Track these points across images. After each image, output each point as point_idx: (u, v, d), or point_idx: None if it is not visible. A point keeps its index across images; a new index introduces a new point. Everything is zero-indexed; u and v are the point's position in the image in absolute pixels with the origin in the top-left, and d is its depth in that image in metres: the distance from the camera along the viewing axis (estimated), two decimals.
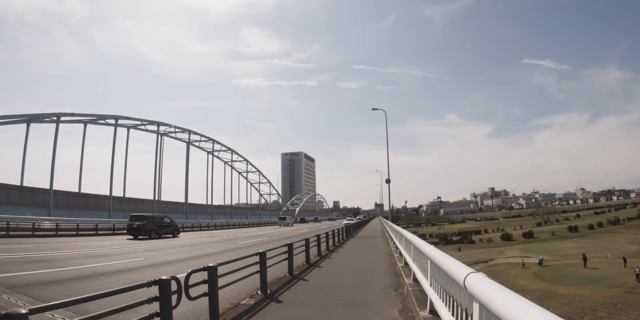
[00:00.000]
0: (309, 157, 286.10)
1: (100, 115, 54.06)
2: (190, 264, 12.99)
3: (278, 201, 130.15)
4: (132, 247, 21.08)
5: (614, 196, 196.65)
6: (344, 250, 18.81)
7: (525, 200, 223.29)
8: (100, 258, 14.95)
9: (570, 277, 47.50)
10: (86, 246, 20.10)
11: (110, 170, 54.16)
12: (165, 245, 22.31)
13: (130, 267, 12.72)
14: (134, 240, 26.71)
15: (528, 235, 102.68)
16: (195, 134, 73.55)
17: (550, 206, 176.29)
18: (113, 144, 55.40)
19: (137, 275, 10.79)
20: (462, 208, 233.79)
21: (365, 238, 28.59)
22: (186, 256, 16.49)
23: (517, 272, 55.15)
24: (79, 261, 13.68)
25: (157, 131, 64.32)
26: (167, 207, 64.49)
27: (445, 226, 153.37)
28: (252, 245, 21.76)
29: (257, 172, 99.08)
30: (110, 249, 19.46)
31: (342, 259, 15.01)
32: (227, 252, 18.05)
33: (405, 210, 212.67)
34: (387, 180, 38.37)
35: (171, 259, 15.27)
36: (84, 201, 48.93)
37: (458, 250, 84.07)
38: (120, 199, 55.34)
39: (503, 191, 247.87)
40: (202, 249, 20.44)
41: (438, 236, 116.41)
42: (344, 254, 17.08)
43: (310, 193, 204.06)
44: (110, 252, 17.54)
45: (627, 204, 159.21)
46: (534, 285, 45.08)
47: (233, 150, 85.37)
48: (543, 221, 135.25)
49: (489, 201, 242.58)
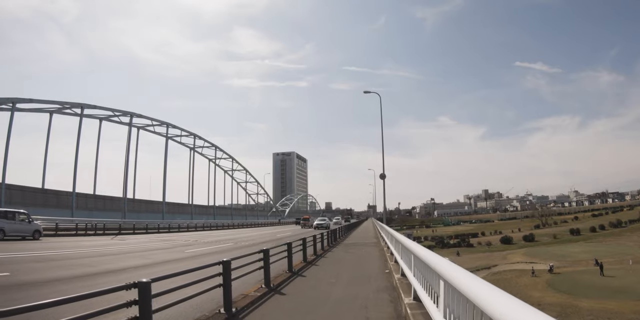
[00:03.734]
0: (300, 157, 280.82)
1: (63, 103, 48.12)
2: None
3: (269, 202, 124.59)
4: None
5: (609, 199, 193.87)
6: (318, 271, 12.51)
7: (519, 202, 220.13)
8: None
9: (590, 288, 42.27)
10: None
11: (74, 165, 48.32)
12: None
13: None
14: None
15: (529, 238, 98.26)
16: (175, 127, 67.67)
17: (545, 208, 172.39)
18: (78, 135, 49.54)
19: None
20: (456, 210, 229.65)
21: (354, 248, 21.08)
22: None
23: (527, 281, 49.75)
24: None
25: (130, 123, 58.24)
26: (141, 205, 59.09)
27: (440, 228, 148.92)
28: (202, 255, 16.38)
29: (244, 171, 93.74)
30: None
31: (313, 295, 9.23)
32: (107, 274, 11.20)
33: (399, 212, 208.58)
34: (381, 175, 32.24)
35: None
36: (43, 197, 43.64)
37: (457, 255, 78.99)
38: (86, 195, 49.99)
39: (497, 193, 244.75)
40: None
41: (434, 239, 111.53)
42: (319, 278, 10.92)
43: (301, 194, 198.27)
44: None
45: (623, 207, 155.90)
46: (550, 298, 39.69)
47: (217, 147, 79.91)
48: (541, 223, 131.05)
49: (483, 203, 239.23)
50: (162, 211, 61.45)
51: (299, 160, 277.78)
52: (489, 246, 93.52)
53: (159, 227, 41.46)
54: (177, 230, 42.64)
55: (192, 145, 74.04)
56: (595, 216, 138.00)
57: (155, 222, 43.69)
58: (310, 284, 9.79)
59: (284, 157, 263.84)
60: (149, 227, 39.64)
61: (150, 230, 39.09)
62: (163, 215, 60.44)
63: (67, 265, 12.87)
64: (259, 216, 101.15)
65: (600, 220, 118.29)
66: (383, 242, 21.11)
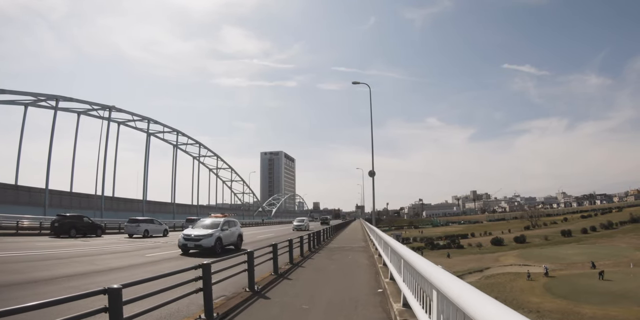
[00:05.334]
0: (289, 156, 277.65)
1: (37, 94, 45.01)
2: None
3: (257, 201, 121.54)
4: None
5: (597, 200, 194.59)
6: (289, 289, 9.81)
7: (507, 203, 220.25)
8: None
9: (590, 293, 40.22)
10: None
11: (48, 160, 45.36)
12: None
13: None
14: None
15: (520, 239, 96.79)
16: (157, 123, 64.50)
17: (534, 209, 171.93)
18: (52, 129, 46.45)
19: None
20: (445, 210, 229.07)
21: (339, 253, 18.38)
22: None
23: (523, 285, 47.50)
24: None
25: (109, 117, 54.98)
26: (119, 204, 55.82)
27: (428, 229, 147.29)
28: (163, 261, 13.64)
29: (230, 169, 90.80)
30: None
31: None
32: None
33: (387, 213, 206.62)
34: (370, 173, 29.65)
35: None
36: (14, 194, 40.81)
37: (447, 257, 76.90)
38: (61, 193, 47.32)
39: (485, 194, 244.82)
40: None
41: (423, 240, 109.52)
42: (285, 304, 7.93)
43: (289, 193, 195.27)
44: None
45: (612, 208, 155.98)
46: (549, 304, 37.46)
47: (201, 144, 76.93)
48: (531, 225, 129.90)
49: (471, 204, 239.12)
50: (141, 210, 58.32)
51: (287, 159, 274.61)
52: (480, 248, 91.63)
53: None
54: None
55: (175, 142, 71.17)
56: (585, 217, 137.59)
57: None
58: (272, 314, 6.93)
59: (272, 157, 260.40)
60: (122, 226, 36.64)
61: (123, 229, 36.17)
62: (143, 215, 57.33)
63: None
64: (245, 216, 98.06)
65: (590, 222, 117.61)
66: (373, 248, 18.37)
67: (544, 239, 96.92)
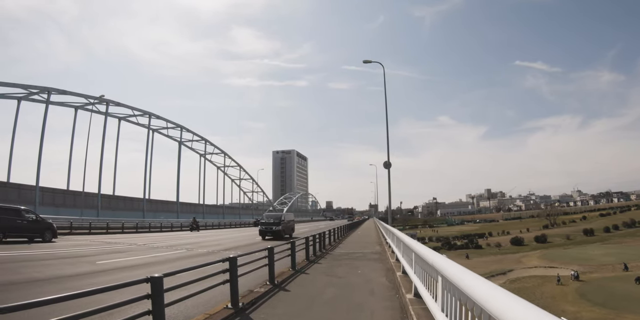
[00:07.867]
0: (301, 155, 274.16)
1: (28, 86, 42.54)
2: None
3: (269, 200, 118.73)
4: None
5: (614, 198, 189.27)
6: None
7: (523, 202, 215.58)
8: None
9: (629, 299, 36.29)
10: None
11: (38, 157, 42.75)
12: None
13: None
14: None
15: (541, 239, 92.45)
16: (159, 118, 61.74)
17: (551, 208, 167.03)
18: (42, 125, 43.87)
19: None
20: (459, 209, 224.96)
21: (346, 264, 13.59)
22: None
23: (553, 290, 43.58)
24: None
25: (106, 112, 52.33)
26: (119, 202, 53.18)
27: (444, 228, 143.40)
28: (116, 270, 10.35)
29: (238, 167, 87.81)
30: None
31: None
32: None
33: (400, 211, 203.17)
34: (386, 164, 25.46)
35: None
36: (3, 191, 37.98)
37: (466, 258, 73.06)
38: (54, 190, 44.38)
39: (499, 193, 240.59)
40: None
41: (439, 240, 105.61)
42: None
43: (300, 192, 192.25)
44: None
45: (630, 206, 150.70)
46: (588, 313, 33.68)
47: (207, 140, 74.01)
48: (550, 223, 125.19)
49: (486, 202, 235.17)
50: (142, 209, 55.72)
51: (300, 158, 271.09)
52: (499, 248, 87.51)
53: (123, 227, 35.76)
54: (147, 231, 37.24)
55: (179, 138, 68.50)
56: (603, 216, 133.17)
57: (120, 221, 37.86)
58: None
59: (284, 155, 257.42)
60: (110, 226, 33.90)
61: (111, 229, 33.46)
62: (144, 213, 54.82)
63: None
64: (255, 215, 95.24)
65: (610, 220, 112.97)
66: (390, 253, 14.94)
67: (565, 238, 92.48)
